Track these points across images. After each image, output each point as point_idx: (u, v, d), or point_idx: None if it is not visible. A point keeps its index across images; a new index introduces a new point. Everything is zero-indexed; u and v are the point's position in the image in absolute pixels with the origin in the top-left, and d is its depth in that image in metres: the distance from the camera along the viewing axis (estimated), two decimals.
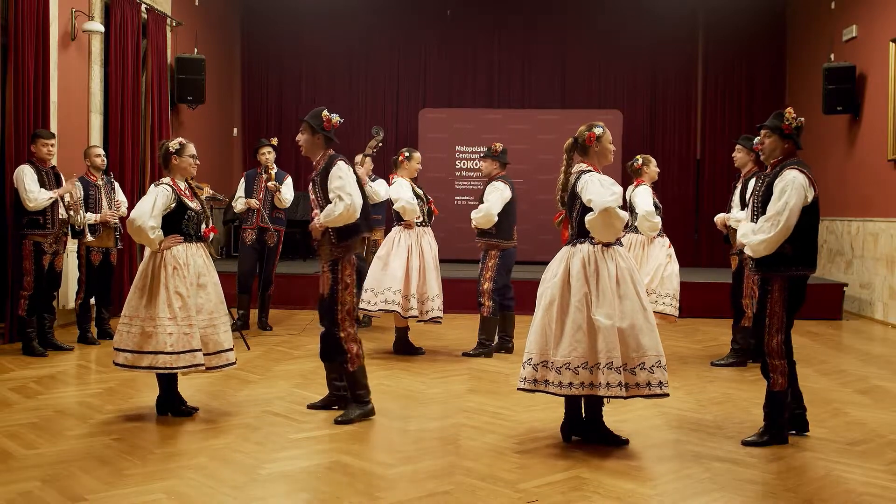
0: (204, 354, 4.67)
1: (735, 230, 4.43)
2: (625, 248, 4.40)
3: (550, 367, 4.20)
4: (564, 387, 4.15)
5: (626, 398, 4.19)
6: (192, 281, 4.69)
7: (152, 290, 4.62)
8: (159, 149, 4.93)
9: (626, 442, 4.35)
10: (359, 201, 4.64)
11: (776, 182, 4.30)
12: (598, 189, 4.17)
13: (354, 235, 4.73)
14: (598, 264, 4.20)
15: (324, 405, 5.00)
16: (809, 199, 4.27)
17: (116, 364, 4.66)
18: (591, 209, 4.17)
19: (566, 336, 4.17)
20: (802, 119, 4.45)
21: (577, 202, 4.29)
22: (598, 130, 4.39)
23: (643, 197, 6.48)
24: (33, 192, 6.37)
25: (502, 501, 3.51)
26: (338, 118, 4.79)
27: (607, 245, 4.25)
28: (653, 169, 6.70)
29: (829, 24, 10.67)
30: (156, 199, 4.66)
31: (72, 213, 6.67)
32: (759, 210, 4.40)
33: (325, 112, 4.77)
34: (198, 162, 4.99)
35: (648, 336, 4.18)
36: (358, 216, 4.66)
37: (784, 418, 4.40)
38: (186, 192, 4.86)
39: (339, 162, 4.70)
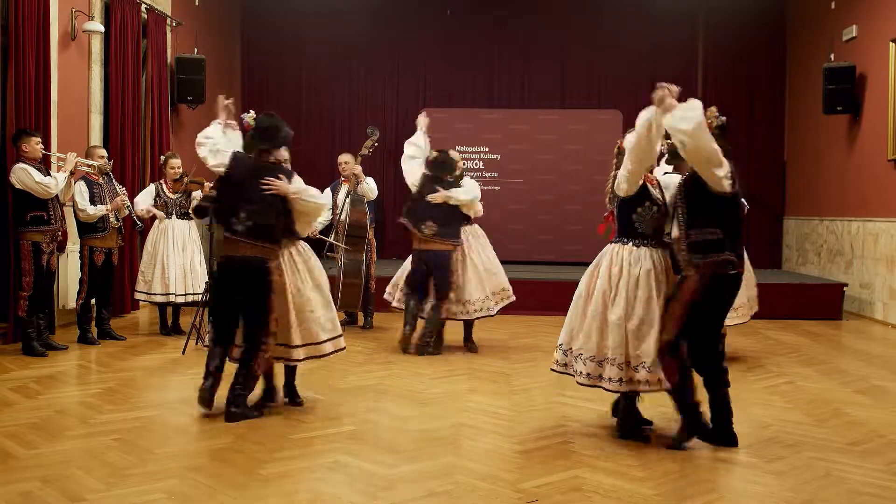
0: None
1: (683, 252, 4.31)
2: (665, 251, 4.36)
3: (572, 355, 4.43)
4: (581, 376, 4.37)
5: (626, 393, 4.33)
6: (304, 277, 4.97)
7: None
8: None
9: (648, 439, 4.42)
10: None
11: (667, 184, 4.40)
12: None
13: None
14: (623, 265, 4.32)
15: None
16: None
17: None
18: (628, 210, 4.31)
19: (584, 329, 4.37)
20: (724, 118, 4.38)
21: (618, 201, 4.41)
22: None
23: None
24: (48, 180, 6.37)
25: (502, 501, 3.52)
26: None
27: (644, 245, 4.31)
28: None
29: (829, 24, 10.66)
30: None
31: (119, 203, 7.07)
32: (683, 218, 4.23)
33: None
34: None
35: (654, 339, 4.24)
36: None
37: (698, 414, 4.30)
38: None
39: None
